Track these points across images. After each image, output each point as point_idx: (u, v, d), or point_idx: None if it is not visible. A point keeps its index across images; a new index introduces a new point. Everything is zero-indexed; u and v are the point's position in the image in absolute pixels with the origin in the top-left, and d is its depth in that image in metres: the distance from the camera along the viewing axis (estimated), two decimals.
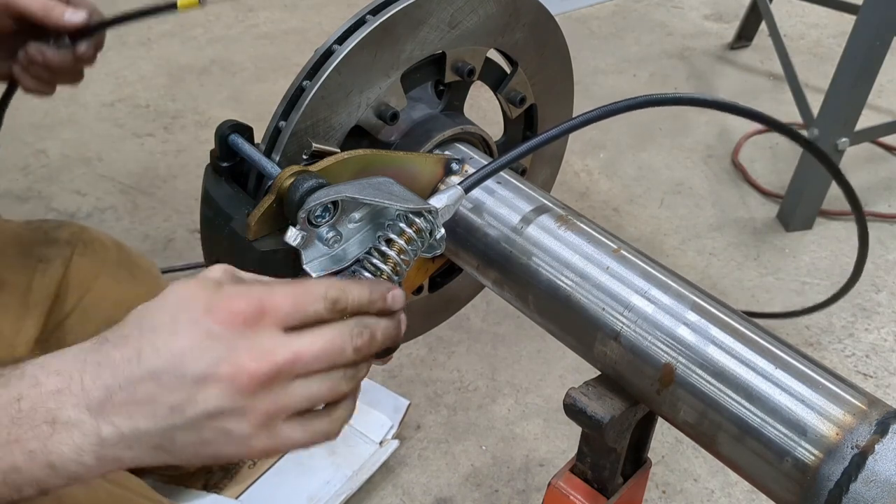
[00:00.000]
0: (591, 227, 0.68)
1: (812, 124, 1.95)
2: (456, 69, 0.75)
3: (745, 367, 0.56)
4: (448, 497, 1.46)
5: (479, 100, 1.06)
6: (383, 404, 1.56)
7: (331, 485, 1.42)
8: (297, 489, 1.40)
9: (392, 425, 1.52)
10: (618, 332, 0.61)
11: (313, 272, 0.60)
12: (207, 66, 2.68)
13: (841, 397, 0.54)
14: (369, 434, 1.51)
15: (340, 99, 0.67)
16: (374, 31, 0.66)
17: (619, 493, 0.68)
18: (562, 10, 3.03)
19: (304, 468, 1.43)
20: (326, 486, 1.41)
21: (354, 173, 0.64)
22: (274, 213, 0.60)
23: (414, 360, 1.69)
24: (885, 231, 2.06)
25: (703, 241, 2.02)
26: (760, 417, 0.55)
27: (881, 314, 1.82)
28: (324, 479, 1.42)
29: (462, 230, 0.71)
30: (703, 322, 0.59)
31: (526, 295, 0.68)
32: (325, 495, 1.40)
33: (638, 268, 0.64)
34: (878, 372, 1.69)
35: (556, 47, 0.82)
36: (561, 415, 1.07)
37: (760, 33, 2.75)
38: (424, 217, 0.60)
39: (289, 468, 1.42)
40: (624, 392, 0.63)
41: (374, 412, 1.53)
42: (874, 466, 0.50)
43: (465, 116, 0.79)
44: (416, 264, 0.74)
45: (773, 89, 2.62)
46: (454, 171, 0.72)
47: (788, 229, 2.05)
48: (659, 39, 2.93)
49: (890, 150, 2.35)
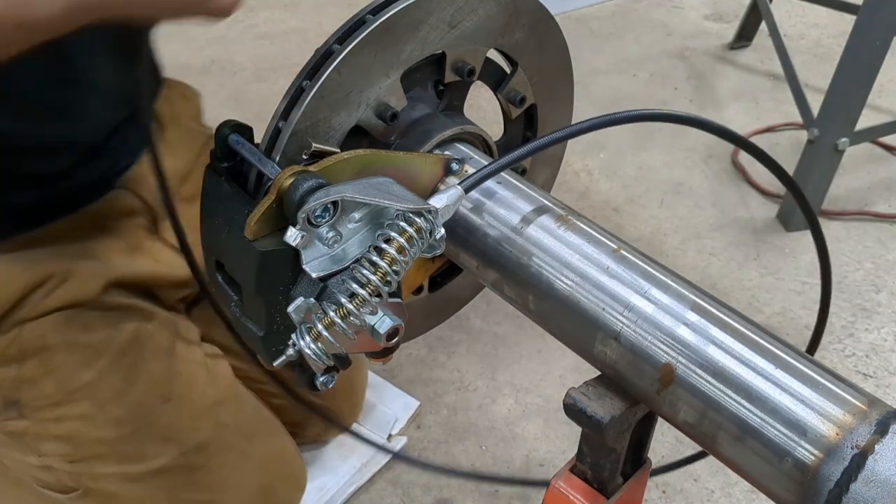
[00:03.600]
0: (591, 227, 0.68)
1: (812, 124, 1.95)
2: (456, 69, 0.75)
3: (745, 367, 0.56)
4: (448, 497, 1.46)
5: (479, 100, 1.06)
6: (393, 402, 1.58)
7: (339, 476, 1.45)
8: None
9: (398, 419, 1.53)
10: (618, 332, 0.61)
11: (313, 272, 0.60)
12: (207, 65, 2.68)
13: (841, 397, 0.54)
14: (376, 429, 1.53)
15: (340, 99, 0.67)
16: (374, 31, 0.66)
17: (619, 493, 0.68)
18: (562, 10, 3.03)
19: (312, 459, 1.46)
20: (335, 478, 1.45)
21: (354, 173, 0.64)
22: (274, 213, 0.60)
23: (414, 360, 1.69)
24: (885, 231, 2.06)
25: (703, 241, 2.02)
26: (760, 417, 0.55)
27: (881, 314, 1.82)
28: (332, 470, 1.46)
29: (462, 230, 0.71)
30: (703, 322, 0.59)
31: (526, 295, 0.68)
32: (333, 486, 1.43)
33: (638, 268, 0.64)
34: (878, 372, 1.69)
35: (556, 47, 0.82)
36: (561, 415, 1.07)
37: (760, 33, 2.75)
38: (424, 217, 0.60)
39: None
40: (624, 392, 0.63)
41: (382, 408, 1.55)
42: (874, 466, 0.50)
43: (465, 116, 0.79)
44: (416, 264, 0.74)
45: (773, 89, 2.62)
46: (454, 171, 0.72)
47: (788, 229, 2.05)
48: (659, 39, 2.93)
49: (890, 150, 2.35)
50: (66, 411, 0.98)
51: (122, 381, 0.99)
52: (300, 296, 0.60)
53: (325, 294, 0.61)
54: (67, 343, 0.97)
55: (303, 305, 0.59)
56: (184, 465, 1.03)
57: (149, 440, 1.02)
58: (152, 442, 1.02)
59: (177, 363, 1.04)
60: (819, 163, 1.95)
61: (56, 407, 0.98)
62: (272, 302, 0.62)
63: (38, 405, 0.98)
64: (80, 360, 0.98)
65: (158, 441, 1.02)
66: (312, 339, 0.59)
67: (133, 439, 1.01)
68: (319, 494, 1.42)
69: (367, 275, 0.59)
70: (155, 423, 1.01)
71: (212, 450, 1.06)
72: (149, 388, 1.01)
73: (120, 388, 0.99)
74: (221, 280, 0.67)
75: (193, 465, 1.04)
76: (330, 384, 0.68)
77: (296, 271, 0.61)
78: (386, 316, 0.61)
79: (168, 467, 1.02)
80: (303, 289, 0.61)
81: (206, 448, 1.05)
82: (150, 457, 1.01)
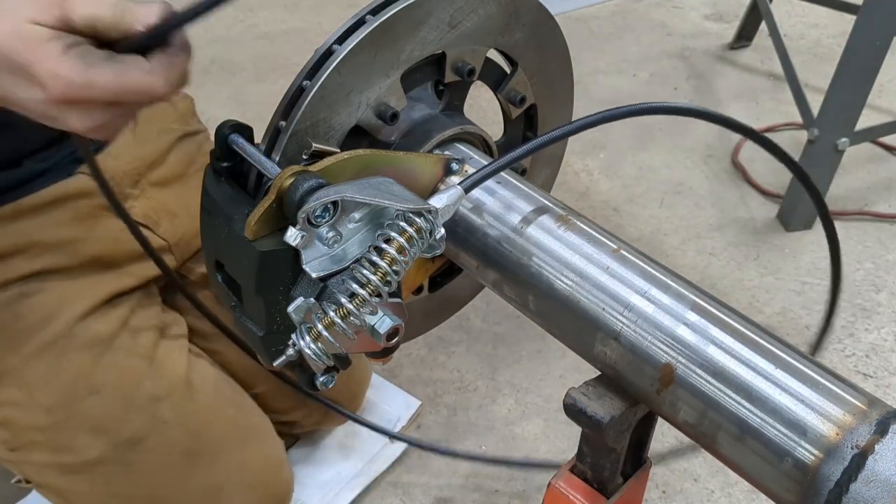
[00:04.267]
0: (591, 227, 0.68)
1: (812, 124, 1.95)
2: (456, 69, 0.75)
3: (745, 367, 0.56)
4: (448, 497, 1.46)
5: (479, 100, 1.06)
6: (394, 401, 1.58)
7: (342, 475, 1.45)
8: (307, 479, 1.43)
9: (399, 418, 1.54)
10: (618, 332, 0.61)
11: (313, 272, 0.60)
12: (207, 66, 2.68)
13: (841, 397, 0.54)
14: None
15: (340, 99, 0.67)
16: (374, 31, 0.66)
17: (620, 493, 0.68)
18: (562, 10, 3.03)
19: (314, 459, 1.47)
20: (337, 477, 1.45)
21: (354, 173, 0.64)
22: (274, 213, 0.60)
23: (414, 360, 1.69)
24: (885, 231, 2.06)
25: (703, 241, 2.02)
26: (760, 417, 0.55)
27: (881, 314, 1.82)
28: (335, 470, 1.46)
29: (462, 230, 0.71)
30: (703, 322, 0.59)
31: (526, 295, 0.68)
32: (336, 486, 1.43)
33: (638, 268, 0.64)
34: (878, 372, 1.69)
35: (556, 47, 0.82)
36: (561, 415, 1.07)
37: (760, 33, 2.75)
38: (424, 217, 0.60)
39: (299, 458, 1.46)
40: (624, 392, 0.63)
41: (384, 407, 1.55)
42: (874, 466, 0.50)
43: (465, 116, 0.79)
44: (416, 264, 0.74)
45: (773, 89, 2.62)
46: (454, 171, 0.72)
47: (788, 229, 2.05)
48: (659, 39, 2.93)
49: (890, 150, 2.35)
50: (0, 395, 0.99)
51: (47, 369, 1.00)
52: (300, 296, 0.60)
53: (325, 294, 0.61)
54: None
55: (303, 305, 0.59)
56: (119, 459, 1.03)
57: (80, 431, 1.02)
58: (83, 433, 1.02)
59: (113, 354, 1.04)
60: (819, 163, 1.95)
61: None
62: (272, 302, 0.62)
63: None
64: (7, 345, 0.99)
65: (89, 432, 1.02)
66: (312, 339, 0.59)
67: (64, 428, 1.01)
68: (323, 492, 1.42)
69: (367, 275, 0.59)
70: (84, 413, 1.02)
71: (149, 445, 1.04)
72: (75, 379, 1.01)
73: (45, 376, 1.00)
74: (221, 280, 0.67)
75: (128, 461, 1.04)
76: (330, 384, 0.68)
77: (296, 271, 0.61)
78: (386, 316, 0.61)
79: (101, 459, 1.02)
80: (303, 289, 0.61)
81: (140, 442, 1.04)
82: (82, 448, 1.02)
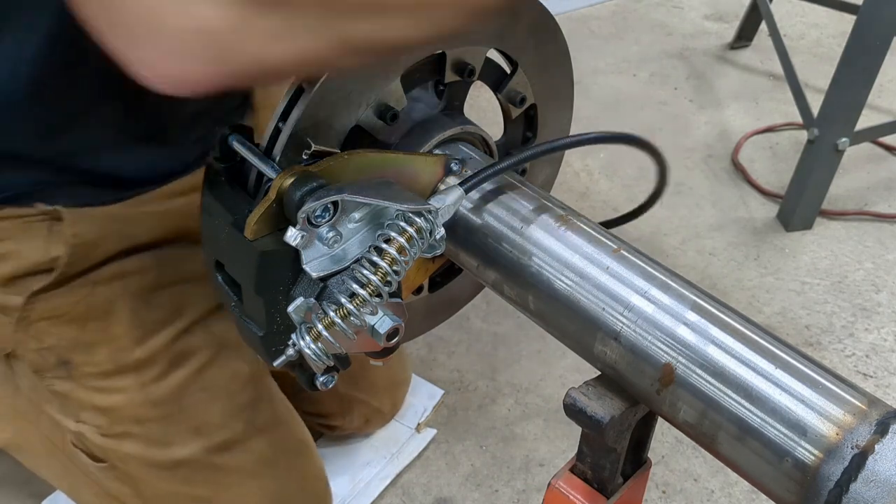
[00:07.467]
0: (591, 227, 0.68)
1: (812, 124, 1.95)
2: (456, 69, 0.75)
3: (745, 367, 0.56)
4: (448, 497, 1.46)
5: (479, 100, 1.06)
6: (418, 392, 1.59)
7: (371, 466, 1.46)
8: (337, 470, 1.43)
9: (426, 409, 1.54)
10: (618, 332, 0.61)
11: (313, 272, 0.60)
12: None
13: (841, 397, 0.54)
14: (404, 419, 1.55)
15: (340, 99, 0.67)
16: None
17: (620, 493, 0.68)
18: (562, 10, 3.03)
19: (342, 451, 1.47)
20: (367, 468, 1.46)
21: (354, 173, 0.64)
22: (274, 213, 0.60)
23: (414, 360, 1.69)
24: (885, 231, 2.06)
25: (703, 241, 2.02)
26: (760, 417, 0.55)
27: (881, 314, 1.82)
28: (364, 461, 1.47)
29: (462, 230, 0.71)
30: (703, 322, 0.59)
31: (526, 295, 0.68)
32: (366, 476, 1.44)
33: (638, 268, 0.64)
34: (878, 372, 1.69)
35: (556, 47, 0.82)
36: (561, 415, 1.07)
37: (760, 33, 2.75)
38: (424, 217, 0.60)
39: (328, 450, 1.46)
40: (624, 392, 0.63)
41: (409, 398, 1.56)
42: (874, 466, 0.50)
43: (465, 116, 0.79)
44: (416, 264, 0.74)
45: (773, 89, 2.62)
46: (454, 171, 0.72)
47: (788, 229, 2.05)
48: (659, 39, 2.93)
49: (890, 150, 2.35)
50: (111, 383, 0.98)
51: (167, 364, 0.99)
52: (300, 296, 0.61)
53: (325, 294, 0.61)
54: (131, 316, 0.96)
55: (303, 305, 0.59)
56: (206, 462, 1.03)
57: (180, 429, 1.01)
58: (183, 431, 1.01)
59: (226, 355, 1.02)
60: (819, 163, 1.95)
61: (104, 377, 0.97)
62: (272, 302, 0.62)
63: (87, 371, 0.97)
64: (138, 335, 0.97)
65: (188, 431, 1.01)
66: (312, 339, 0.59)
67: (165, 424, 1.00)
68: (352, 485, 1.42)
69: (368, 275, 0.59)
70: (188, 412, 1.01)
71: (237, 450, 1.04)
72: (190, 375, 1.00)
73: (163, 371, 0.99)
74: (221, 280, 0.67)
75: (215, 464, 1.03)
76: (330, 384, 0.68)
77: (296, 271, 0.61)
78: (386, 316, 0.62)
79: (189, 460, 1.02)
80: (303, 289, 0.61)
81: (230, 448, 1.04)
82: (176, 446, 1.01)
